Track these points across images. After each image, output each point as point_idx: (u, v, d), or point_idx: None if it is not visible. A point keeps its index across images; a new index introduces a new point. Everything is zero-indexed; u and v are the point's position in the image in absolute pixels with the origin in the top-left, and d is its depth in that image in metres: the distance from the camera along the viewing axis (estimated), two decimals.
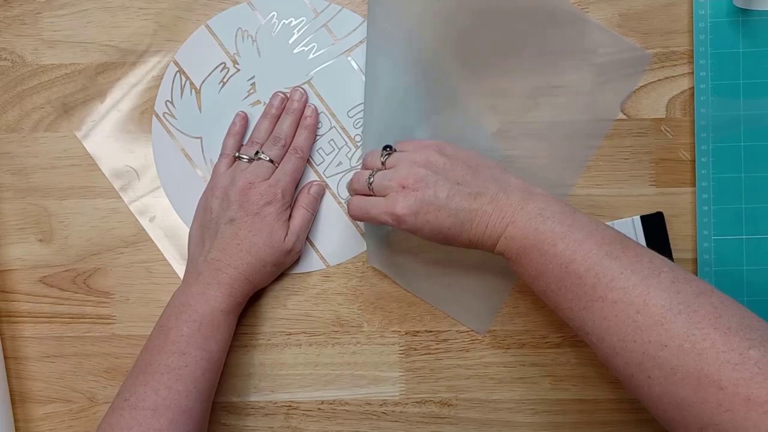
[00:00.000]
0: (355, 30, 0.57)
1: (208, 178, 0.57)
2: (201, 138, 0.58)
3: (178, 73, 0.58)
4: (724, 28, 0.54)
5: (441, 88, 0.56)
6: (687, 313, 0.38)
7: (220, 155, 0.56)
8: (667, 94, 0.56)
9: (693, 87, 0.55)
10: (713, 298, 0.39)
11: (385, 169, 0.50)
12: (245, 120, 0.57)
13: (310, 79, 0.57)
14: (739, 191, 0.54)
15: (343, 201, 0.58)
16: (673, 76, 0.56)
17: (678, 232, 0.56)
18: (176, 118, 0.58)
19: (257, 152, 0.55)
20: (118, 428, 0.47)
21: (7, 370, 0.58)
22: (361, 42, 0.57)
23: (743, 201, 0.54)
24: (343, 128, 0.57)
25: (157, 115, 0.58)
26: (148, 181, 0.58)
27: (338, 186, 0.58)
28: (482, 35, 0.55)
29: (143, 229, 0.58)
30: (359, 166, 0.56)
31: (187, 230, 0.57)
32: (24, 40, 0.58)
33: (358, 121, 0.57)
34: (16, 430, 0.57)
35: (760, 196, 0.54)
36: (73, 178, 0.58)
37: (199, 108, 0.58)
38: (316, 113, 0.57)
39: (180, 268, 0.58)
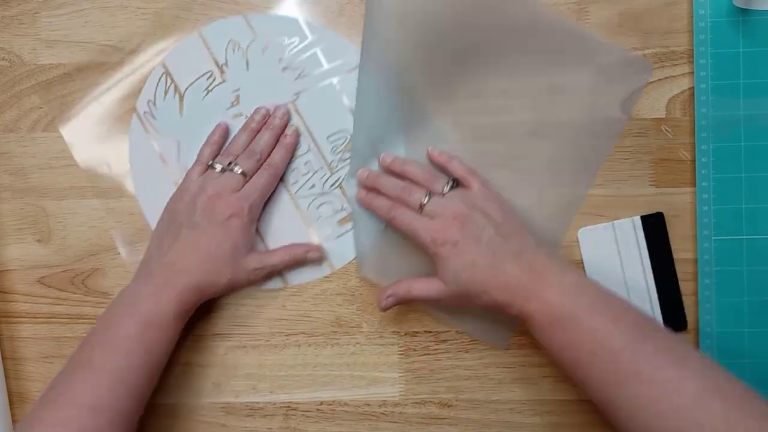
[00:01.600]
0: (345, 58, 0.57)
1: (180, 182, 0.57)
2: (178, 141, 0.58)
3: (164, 75, 0.58)
4: (725, 28, 0.54)
5: (421, 115, 0.56)
6: (721, 399, 0.39)
7: (195, 162, 0.56)
8: (667, 93, 0.55)
9: (693, 87, 0.55)
10: (739, 386, 0.41)
11: (443, 196, 0.50)
12: (226, 131, 0.57)
13: (295, 100, 0.57)
14: (739, 191, 0.54)
15: (310, 224, 0.57)
16: (673, 76, 0.55)
17: (678, 232, 0.55)
18: (156, 119, 0.58)
19: (230, 163, 0.54)
20: (51, 424, 0.45)
21: (6, 370, 0.58)
22: (350, 70, 0.57)
23: (743, 201, 0.54)
24: (320, 152, 0.57)
25: (137, 113, 0.58)
26: (121, 177, 0.58)
27: (308, 207, 0.57)
28: (472, 62, 0.55)
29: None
30: (333, 190, 0.57)
31: (150, 227, 0.57)
32: (22, 39, 0.58)
33: (337, 146, 0.57)
34: (14, 431, 0.57)
35: (760, 196, 0.54)
36: (71, 178, 0.58)
37: (181, 112, 0.58)
38: (297, 134, 0.57)
39: (131, 259, 0.57)
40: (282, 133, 0.56)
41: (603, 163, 0.56)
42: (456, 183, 0.52)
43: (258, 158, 0.54)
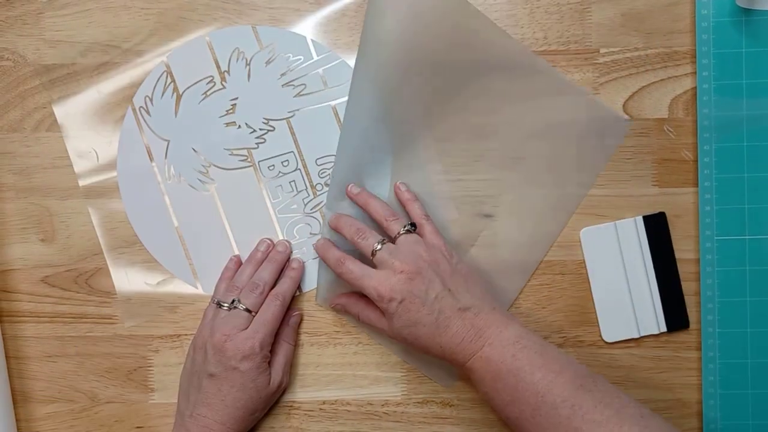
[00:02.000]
0: (346, 83, 0.56)
1: (165, 179, 0.57)
2: (168, 141, 0.58)
3: (165, 73, 0.58)
4: (727, 28, 0.54)
5: (407, 142, 0.56)
6: None
7: (211, 300, 0.55)
8: (669, 93, 0.55)
9: (696, 87, 0.55)
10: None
11: (395, 243, 0.51)
12: (238, 265, 0.57)
13: (291, 117, 0.57)
14: (741, 191, 0.54)
15: (289, 242, 0.57)
16: (676, 76, 0.55)
17: (680, 232, 0.55)
18: (151, 116, 0.58)
19: (233, 300, 0.53)
20: None
21: (9, 369, 0.58)
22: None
23: (746, 201, 0.54)
24: (307, 174, 0.57)
25: (133, 107, 0.58)
26: (106, 167, 0.58)
27: (286, 226, 0.57)
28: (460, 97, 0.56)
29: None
30: (313, 213, 0.57)
31: (129, 222, 0.58)
32: (26, 40, 0.58)
33: (324, 171, 0.57)
34: (18, 429, 0.57)
35: (763, 196, 0.54)
36: (74, 177, 0.58)
37: (176, 112, 0.58)
38: (302, 267, 0.57)
39: (112, 256, 0.58)
40: (283, 264, 0.56)
41: (605, 165, 0.56)
42: (414, 227, 0.52)
43: (261, 291, 0.54)
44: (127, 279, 0.58)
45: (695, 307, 0.55)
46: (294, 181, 0.57)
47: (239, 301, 0.53)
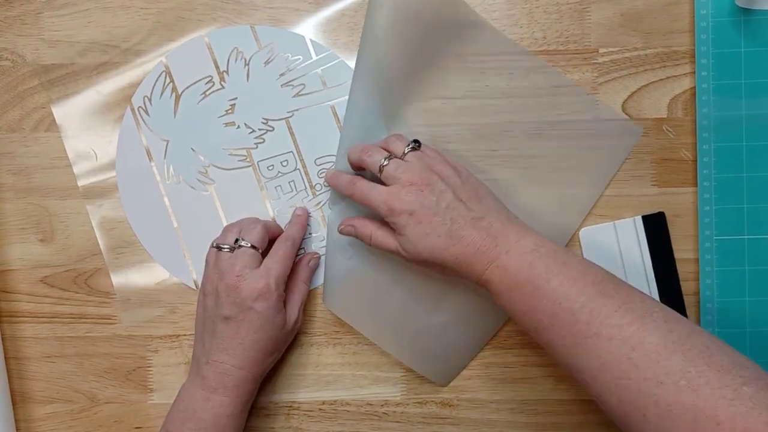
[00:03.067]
0: (345, 83, 0.56)
1: (164, 179, 0.57)
2: (167, 141, 0.58)
3: (164, 73, 0.58)
4: (726, 28, 0.54)
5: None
6: (681, 351, 0.38)
7: (210, 245, 0.54)
8: (668, 93, 0.55)
9: (695, 87, 0.55)
10: (704, 337, 0.39)
11: (403, 160, 0.50)
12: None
13: (290, 117, 0.57)
14: (741, 191, 0.54)
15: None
16: (675, 76, 0.55)
17: (680, 232, 0.55)
18: (149, 116, 0.58)
19: (237, 240, 0.52)
20: None
21: (8, 370, 0.58)
22: (348, 96, 0.56)
23: (745, 201, 0.54)
24: (306, 173, 0.57)
25: (132, 107, 0.58)
26: (105, 167, 0.58)
27: (285, 226, 0.57)
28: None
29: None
30: (312, 213, 0.57)
31: (128, 222, 0.58)
32: (25, 40, 0.58)
33: (323, 171, 0.57)
34: (17, 430, 0.57)
35: (762, 195, 0.54)
36: (74, 177, 0.58)
37: (175, 112, 0.58)
38: (307, 213, 0.57)
39: (111, 257, 0.58)
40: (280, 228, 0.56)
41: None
42: (418, 144, 0.51)
43: (262, 225, 0.53)
44: (126, 279, 0.58)
45: (694, 307, 0.55)
46: (293, 181, 0.57)
47: (242, 239, 0.52)
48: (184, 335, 0.58)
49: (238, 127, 0.57)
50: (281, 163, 0.57)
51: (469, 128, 0.56)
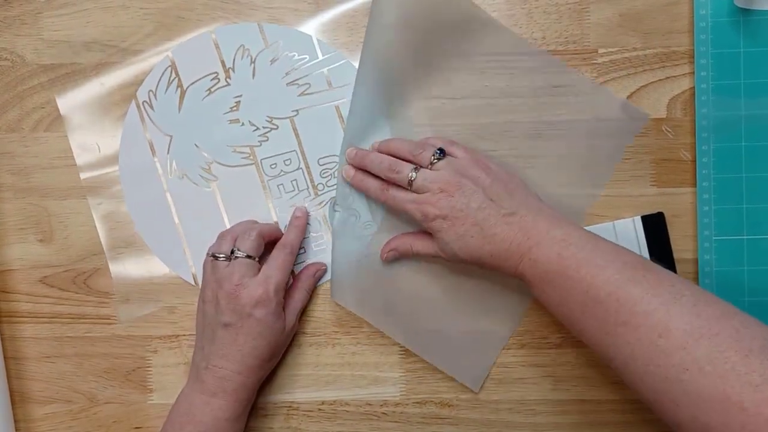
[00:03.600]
0: (351, 83, 0.56)
1: (167, 175, 0.57)
2: (171, 136, 0.58)
3: (169, 68, 0.58)
4: (725, 28, 0.54)
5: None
6: (708, 337, 0.38)
7: (207, 253, 0.54)
8: (667, 93, 0.56)
9: (694, 87, 0.55)
10: (734, 320, 0.39)
11: (430, 169, 0.50)
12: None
13: (294, 116, 0.57)
14: (740, 191, 0.54)
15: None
16: (674, 76, 0.55)
17: (679, 232, 0.55)
18: (154, 110, 0.58)
19: (233, 251, 0.52)
20: None
21: (8, 370, 0.58)
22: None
23: (744, 201, 0.54)
24: (309, 173, 0.57)
25: (136, 101, 0.58)
26: (108, 161, 0.58)
27: (286, 227, 0.57)
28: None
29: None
30: (314, 213, 0.57)
31: (132, 220, 0.58)
32: (24, 39, 0.58)
33: (326, 170, 0.57)
34: (16, 430, 0.57)
35: (761, 196, 0.54)
36: (73, 177, 0.58)
37: (179, 108, 0.58)
38: (307, 215, 0.57)
39: (111, 251, 0.58)
40: (279, 228, 0.56)
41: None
42: (443, 153, 0.51)
43: (257, 233, 0.53)
44: (126, 273, 0.58)
45: None
46: (296, 180, 0.57)
47: (238, 249, 0.52)
48: (184, 335, 0.58)
49: (243, 124, 0.57)
50: (284, 161, 0.57)
51: (469, 128, 0.56)
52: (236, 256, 0.52)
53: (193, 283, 0.58)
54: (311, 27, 0.57)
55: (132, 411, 0.58)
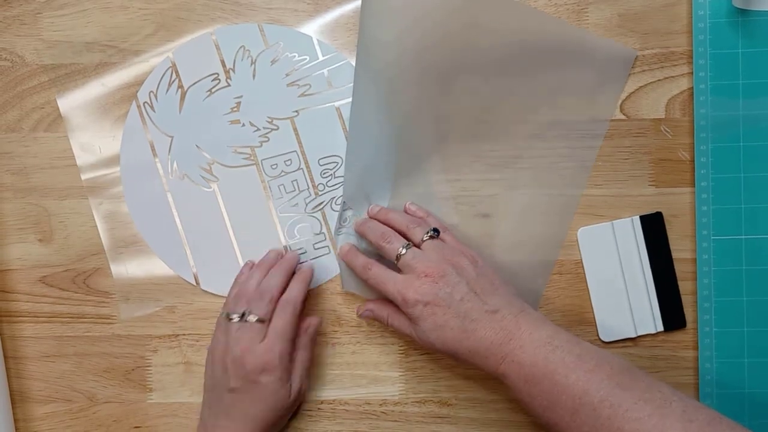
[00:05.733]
0: (351, 84, 0.57)
1: (168, 175, 0.57)
2: (172, 137, 0.58)
3: (170, 69, 0.58)
4: (724, 29, 0.54)
5: (411, 150, 0.56)
6: None
7: (222, 310, 0.54)
8: (666, 94, 0.56)
9: (692, 87, 0.55)
10: (723, 424, 0.40)
11: (420, 248, 0.50)
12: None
13: (295, 116, 0.57)
14: (738, 191, 0.54)
15: (287, 241, 0.58)
16: (673, 77, 0.56)
17: (677, 232, 0.56)
18: (155, 111, 0.58)
19: (244, 314, 0.51)
20: None
21: (7, 369, 0.58)
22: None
23: (742, 201, 0.54)
24: (310, 173, 0.57)
25: (137, 102, 0.58)
26: (109, 161, 0.58)
27: (288, 225, 0.57)
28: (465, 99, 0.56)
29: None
30: (315, 213, 0.57)
31: (132, 221, 0.58)
32: (24, 40, 0.58)
33: (326, 171, 0.57)
34: (16, 429, 0.57)
35: (759, 196, 0.54)
36: (72, 177, 0.58)
37: (180, 109, 0.58)
38: (312, 271, 0.56)
39: (112, 251, 0.58)
40: (291, 271, 0.54)
41: (600, 164, 0.56)
42: (437, 233, 0.52)
43: (270, 298, 0.52)
44: (126, 273, 0.58)
45: (692, 307, 0.55)
46: (296, 180, 0.58)
47: (250, 312, 0.51)
48: (183, 335, 0.58)
49: (243, 125, 0.58)
50: (285, 162, 0.58)
51: (469, 128, 0.56)
52: (246, 320, 0.51)
53: (193, 283, 0.58)
54: (310, 28, 0.57)
55: (131, 410, 0.58)
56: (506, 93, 0.56)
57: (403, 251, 0.50)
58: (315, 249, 0.57)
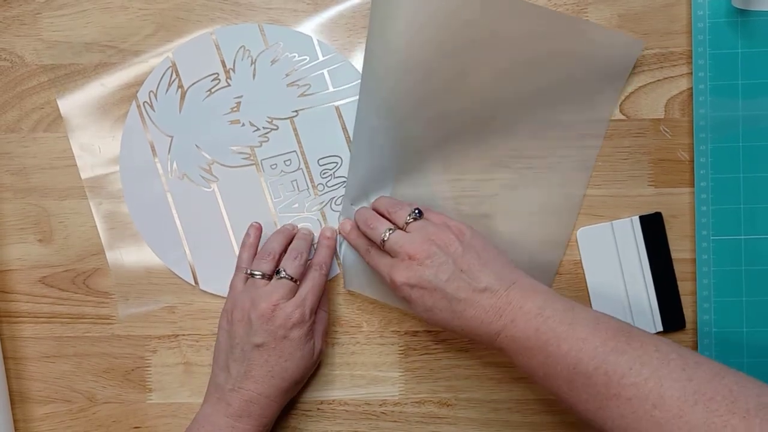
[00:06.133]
0: (351, 84, 0.57)
1: (168, 175, 0.57)
2: (172, 137, 0.58)
3: (170, 69, 0.58)
4: (723, 29, 0.54)
5: (412, 150, 0.56)
6: (704, 402, 0.38)
7: (236, 269, 0.55)
8: (665, 94, 0.56)
9: (692, 87, 0.55)
10: (727, 379, 0.39)
11: (405, 230, 0.50)
12: (259, 231, 0.57)
13: (294, 117, 0.57)
14: (737, 191, 0.54)
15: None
16: (672, 77, 0.56)
17: (677, 232, 0.56)
18: (155, 111, 0.58)
19: (279, 271, 0.52)
20: None
21: (7, 370, 0.58)
22: (354, 97, 0.57)
23: (742, 201, 0.54)
24: (309, 173, 0.57)
25: (137, 102, 0.58)
26: (109, 161, 0.58)
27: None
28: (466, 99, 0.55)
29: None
30: (314, 213, 0.57)
31: (132, 221, 0.58)
32: (23, 40, 0.58)
33: (326, 171, 0.57)
34: (15, 430, 0.57)
35: (758, 196, 0.54)
36: (72, 178, 0.58)
37: (180, 108, 0.58)
38: (336, 235, 0.56)
39: (111, 251, 0.58)
40: (311, 242, 0.56)
41: (599, 164, 0.56)
42: (420, 213, 0.51)
43: (304, 259, 0.53)
44: (126, 273, 0.58)
45: (691, 307, 0.55)
46: (296, 180, 0.58)
47: (284, 271, 0.52)
48: (183, 335, 0.58)
49: (243, 125, 0.58)
50: (284, 162, 0.58)
51: (469, 128, 0.56)
52: (281, 277, 0.52)
53: (193, 283, 0.58)
54: (310, 28, 0.57)
55: (131, 411, 0.58)
56: (510, 91, 0.55)
57: (386, 236, 0.50)
58: (314, 250, 0.57)
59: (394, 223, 0.51)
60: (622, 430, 0.40)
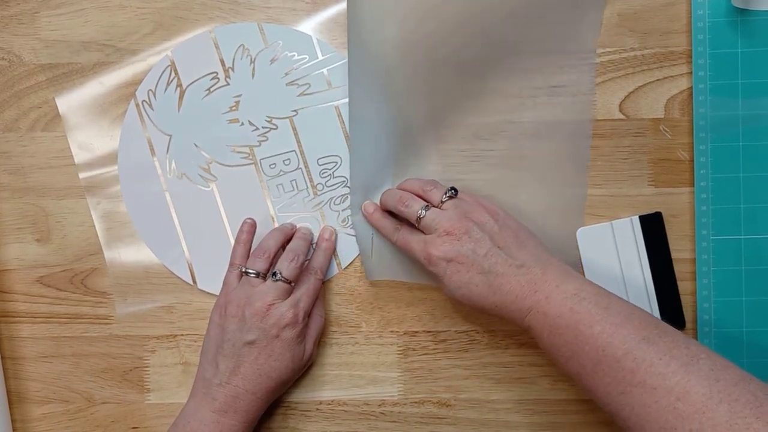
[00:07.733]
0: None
1: (166, 174, 0.57)
2: (170, 136, 0.58)
3: (169, 68, 0.58)
4: (723, 28, 0.54)
5: (409, 140, 0.56)
6: (728, 402, 0.38)
7: (230, 265, 0.55)
8: (665, 94, 0.56)
9: (691, 87, 0.55)
10: (752, 385, 0.39)
11: (440, 209, 0.50)
12: (253, 227, 0.57)
13: (294, 116, 0.57)
14: (737, 191, 0.54)
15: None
16: (672, 76, 0.56)
17: (677, 232, 0.56)
18: (153, 110, 0.58)
19: (275, 273, 0.52)
20: None
21: (5, 370, 0.58)
22: None
23: (742, 201, 0.54)
24: (309, 173, 0.57)
25: (136, 100, 0.58)
26: (107, 160, 0.58)
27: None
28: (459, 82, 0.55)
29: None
30: (314, 213, 0.57)
31: (128, 217, 0.58)
32: (21, 39, 0.58)
33: (325, 170, 0.57)
34: (13, 430, 0.57)
35: (758, 195, 0.54)
36: (70, 177, 0.58)
37: (179, 107, 0.58)
38: (335, 237, 0.57)
39: (109, 250, 0.58)
40: (310, 242, 0.56)
41: (599, 164, 0.56)
42: (455, 191, 0.51)
43: (300, 262, 0.53)
44: (124, 273, 0.58)
45: (691, 307, 0.55)
46: (295, 180, 0.57)
47: (280, 273, 0.52)
48: (181, 335, 0.57)
49: (242, 124, 0.57)
50: (284, 161, 0.57)
51: (468, 128, 0.56)
52: (276, 279, 0.52)
53: (191, 282, 0.57)
54: (309, 26, 0.57)
55: (129, 411, 0.58)
56: (498, 40, 0.55)
57: (422, 213, 0.50)
58: (313, 250, 0.57)
59: (428, 202, 0.51)
60: (642, 419, 0.40)
